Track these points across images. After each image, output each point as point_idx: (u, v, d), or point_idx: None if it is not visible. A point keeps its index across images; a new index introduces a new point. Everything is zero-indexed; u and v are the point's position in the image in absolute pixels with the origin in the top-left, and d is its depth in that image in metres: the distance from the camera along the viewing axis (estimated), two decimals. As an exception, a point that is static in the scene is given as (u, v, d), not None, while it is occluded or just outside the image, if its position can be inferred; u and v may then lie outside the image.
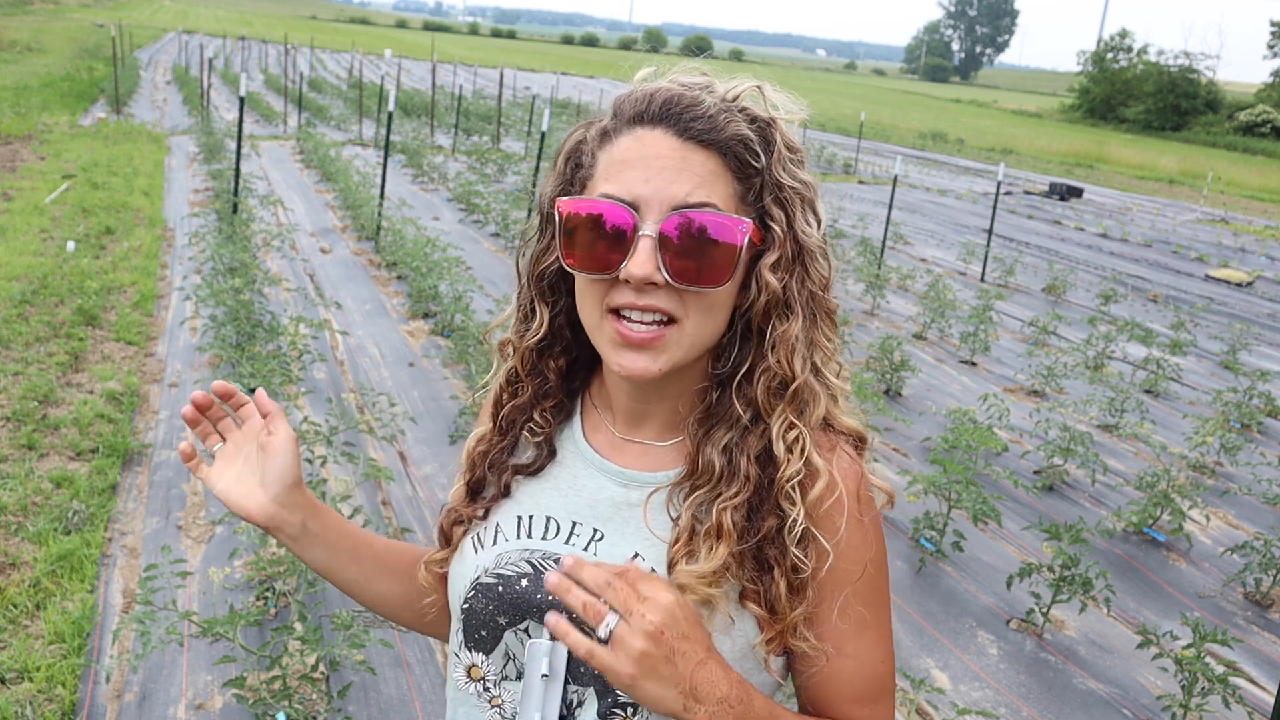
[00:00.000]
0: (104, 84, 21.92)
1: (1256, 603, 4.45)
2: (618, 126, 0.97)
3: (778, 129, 0.97)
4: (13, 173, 11.43)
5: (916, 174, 23.47)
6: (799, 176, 0.97)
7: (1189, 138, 51.96)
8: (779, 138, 0.96)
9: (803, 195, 0.97)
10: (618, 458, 1.04)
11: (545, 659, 0.97)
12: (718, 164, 0.94)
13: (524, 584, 1.00)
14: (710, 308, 0.95)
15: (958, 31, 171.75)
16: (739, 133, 0.94)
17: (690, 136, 0.93)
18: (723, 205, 0.93)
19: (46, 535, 3.90)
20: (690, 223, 0.91)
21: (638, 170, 0.93)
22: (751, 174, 0.95)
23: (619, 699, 0.96)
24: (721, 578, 0.94)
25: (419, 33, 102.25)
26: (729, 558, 0.94)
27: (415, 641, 3.49)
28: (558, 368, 1.07)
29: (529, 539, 1.03)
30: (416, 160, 14.68)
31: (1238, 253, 16.76)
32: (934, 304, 8.47)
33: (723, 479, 0.97)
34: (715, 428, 0.98)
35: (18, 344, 5.85)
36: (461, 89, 23.81)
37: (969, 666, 3.71)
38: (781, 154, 0.96)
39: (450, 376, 6.14)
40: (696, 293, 0.93)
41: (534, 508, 1.05)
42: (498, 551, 1.03)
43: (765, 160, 0.95)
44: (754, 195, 0.96)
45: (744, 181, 0.95)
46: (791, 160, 0.97)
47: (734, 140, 0.94)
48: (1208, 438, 5.73)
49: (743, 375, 0.98)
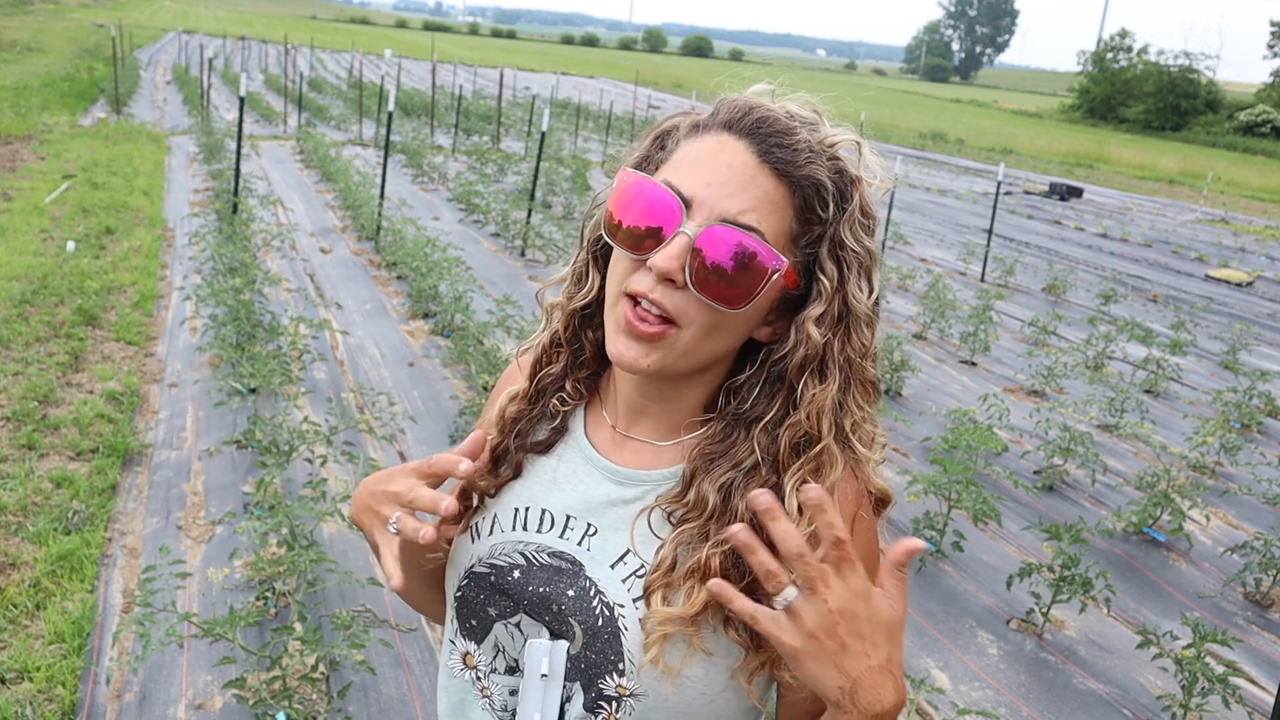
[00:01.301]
0: (104, 84, 21.92)
1: (1256, 603, 4.45)
2: (709, 125, 0.97)
3: (859, 189, 0.96)
4: (13, 173, 11.43)
5: (916, 174, 23.47)
6: (863, 242, 0.96)
7: (1189, 138, 51.97)
8: (857, 198, 0.95)
9: (862, 260, 0.96)
10: (615, 455, 1.04)
11: (545, 658, 0.97)
12: (784, 196, 0.93)
13: (515, 575, 1.01)
14: (715, 328, 0.94)
15: (958, 31, 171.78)
16: (816, 176, 0.93)
17: (768, 160, 0.92)
18: (771, 237, 0.92)
19: (46, 535, 3.90)
20: (729, 238, 0.90)
21: (706, 171, 0.93)
22: (814, 221, 0.94)
23: (603, 692, 0.96)
24: (699, 619, 0.92)
25: (419, 33, 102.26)
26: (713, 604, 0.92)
27: (415, 641, 3.49)
28: (595, 339, 1.06)
29: (524, 531, 1.03)
30: (416, 160, 14.68)
31: (1238, 253, 16.76)
32: (934, 304, 8.47)
33: (714, 518, 0.94)
34: (718, 463, 0.97)
35: (18, 344, 5.85)
36: (461, 89, 23.82)
37: (969, 666, 3.71)
38: (854, 215, 0.95)
39: (450, 376, 6.14)
40: (708, 307, 0.92)
41: (531, 500, 1.05)
42: (493, 542, 1.04)
43: (835, 214, 0.94)
44: (810, 242, 0.95)
45: (804, 225, 0.94)
46: (862, 224, 0.96)
47: (808, 181, 0.93)
48: (1208, 438, 5.73)
49: (766, 422, 0.96)
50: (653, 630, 0.92)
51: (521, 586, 1.00)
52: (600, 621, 0.96)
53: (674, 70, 64.61)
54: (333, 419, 4.41)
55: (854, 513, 0.97)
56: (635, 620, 0.95)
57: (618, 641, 0.95)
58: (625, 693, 0.94)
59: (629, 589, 0.97)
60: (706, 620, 0.93)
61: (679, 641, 0.93)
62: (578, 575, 0.99)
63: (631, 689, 0.94)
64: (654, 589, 0.93)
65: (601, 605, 0.96)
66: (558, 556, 1.00)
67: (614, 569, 0.98)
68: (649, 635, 0.93)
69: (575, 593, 0.98)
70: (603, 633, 0.96)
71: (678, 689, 0.93)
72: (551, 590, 0.99)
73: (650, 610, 0.93)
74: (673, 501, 0.98)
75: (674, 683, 0.93)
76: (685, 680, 0.93)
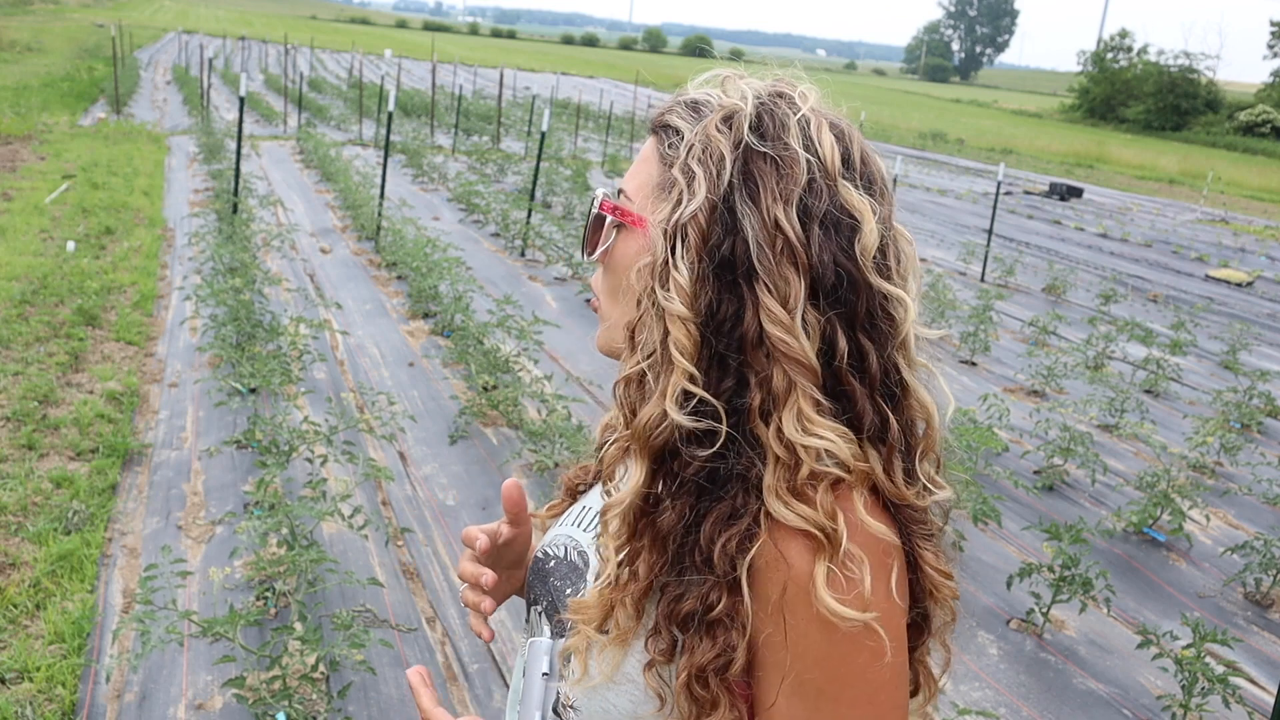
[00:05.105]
0: (104, 84, 21.92)
1: (1256, 603, 4.45)
2: None
3: (711, 118, 0.86)
4: (13, 173, 11.43)
5: (916, 174, 23.47)
6: (688, 165, 0.86)
7: (1189, 138, 51.96)
8: (703, 127, 0.86)
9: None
10: None
11: (546, 657, 0.97)
12: (651, 150, 0.93)
13: (551, 565, 1.01)
14: (613, 291, 0.95)
15: (958, 31, 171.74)
16: (665, 119, 0.91)
17: (650, 129, 0.94)
18: (636, 190, 0.92)
19: (46, 535, 3.90)
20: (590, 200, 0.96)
21: None
22: (670, 161, 0.88)
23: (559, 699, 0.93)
24: (609, 626, 0.85)
25: (419, 33, 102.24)
26: (620, 608, 0.84)
27: (415, 641, 3.49)
28: None
29: (576, 527, 1.04)
30: (416, 160, 14.68)
31: (1238, 253, 16.76)
32: (934, 304, 8.47)
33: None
34: None
35: (18, 344, 5.85)
36: (461, 89, 23.81)
37: (969, 666, 3.71)
38: (691, 143, 0.86)
39: (450, 376, 6.14)
40: (601, 270, 0.97)
41: (596, 501, 1.05)
42: (557, 531, 1.05)
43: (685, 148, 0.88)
44: (665, 184, 0.88)
45: (664, 169, 0.89)
46: (703, 147, 0.85)
47: (659, 126, 0.92)
48: (1208, 438, 5.73)
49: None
50: (572, 623, 0.88)
51: (549, 577, 1.01)
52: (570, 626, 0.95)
53: (674, 70, 64.54)
54: (333, 419, 4.41)
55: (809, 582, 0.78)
56: None
57: None
58: (569, 703, 0.92)
59: None
60: (629, 640, 0.85)
61: (611, 651, 0.86)
62: (581, 577, 0.98)
63: (572, 701, 0.91)
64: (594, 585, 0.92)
65: None
66: (582, 555, 1.00)
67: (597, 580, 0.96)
68: (570, 629, 0.89)
69: (572, 593, 0.97)
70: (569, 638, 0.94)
71: (603, 710, 0.88)
72: (562, 586, 0.99)
73: (568, 601, 0.90)
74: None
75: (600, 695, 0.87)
76: (607, 693, 0.87)
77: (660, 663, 0.83)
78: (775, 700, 0.81)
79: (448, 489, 4.67)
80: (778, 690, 0.80)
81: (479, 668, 3.40)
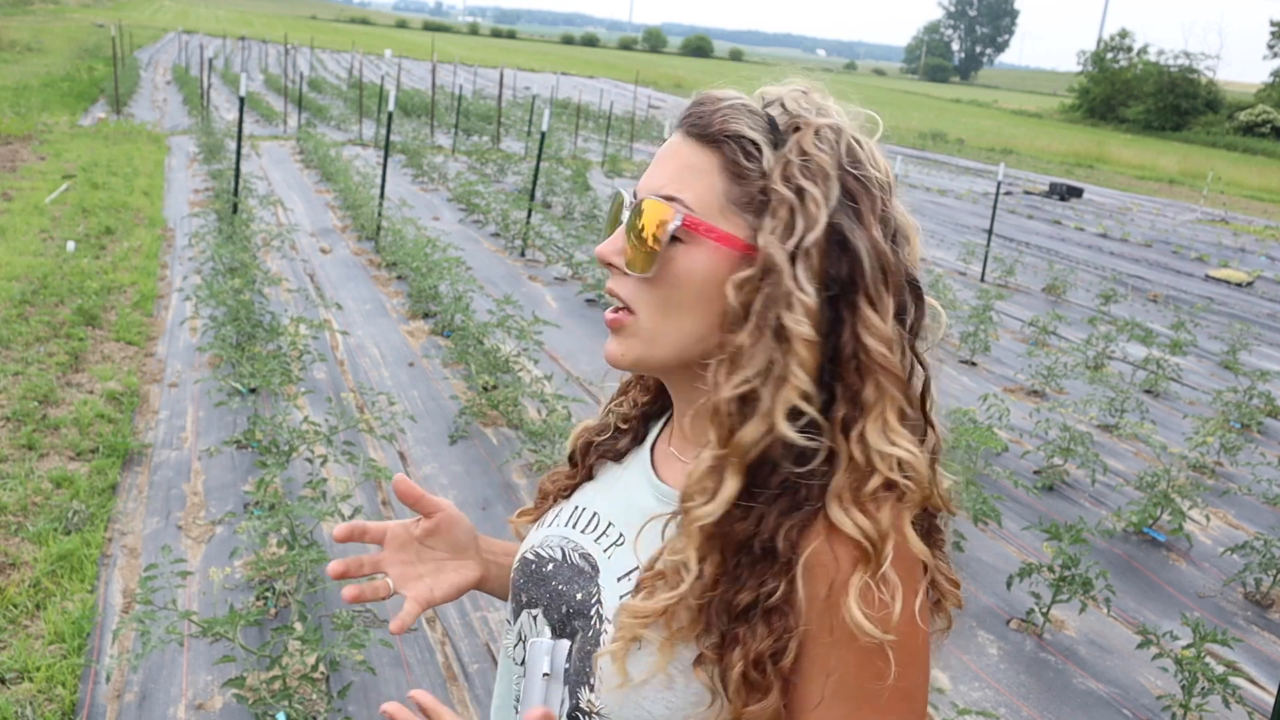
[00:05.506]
0: (104, 84, 21.92)
1: (1256, 603, 4.45)
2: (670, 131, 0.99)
3: (801, 134, 0.88)
4: (13, 173, 11.43)
5: (916, 174, 23.47)
6: (796, 182, 0.87)
7: (1189, 138, 51.97)
8: (794, 141, 0.88)
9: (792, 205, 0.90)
10: (664, 471, 1.02)
11: (546, 658, 0.97)
12: (706, 160, 0.90)
13: (549, 568, 1.01)
14: (664, 304, 0.91)
15: (958, 31, 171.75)
16: (733, 130, 0.89)
17: (690, 133, 0.91)
18: (692, 201, 0.89)
19: (46, 535, 3.90)
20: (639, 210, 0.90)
21: (650, 166, 0.95)
22: (751, 176, 0.88)
23: (579, 704, 0.93)
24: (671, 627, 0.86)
25: (419, 33, 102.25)
26: (679, 609, 0.86)
27: (415, 641, 3.50)
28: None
29: (572, 529, 1.03)
30: (416, 160, 14.68)
31: (1238, 253, 16.77)
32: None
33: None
34: None
35: (18, 344, 5.85)
36: (461, 89, 23.81)
37: (969, 666, 3.71)
38: (787, 158, 0.87)
39: (450, 376, 6.14)
40: (644, 282, 0.91)
41: (589, 501, 1.05)
42: (548, 532, 1.05)
43: (771, 162, 0.87)
44: (751, 200, 0.88)
45: (739, 182, 0.88)
46: (801, 167, 0.87)
47: (725, 136, 0.89)
48: (1208, 438, 5.73)
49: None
50: (622, 627, 0.88)
51: (548, 580, 1.00)
52: (591, 632, 0.94)
53: (674, 70, 64.62)
54: (333, 419, 4.41)
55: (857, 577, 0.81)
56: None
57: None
58: (594, 709, 0.91)
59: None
60: (683, 642, 0.86)
61: (648, 652, 0.87)
62: (591, 580, 0.97)
63: (599, 707, 0.91)
64: (644, 587, 0.90)
65: (597, 616, 0.95)
66: (585, 558, 0.99)
67: (619, 583, 0.96)
68: (618, 632, 0.89)
69: (582, 597, 0.97)
70: (588, 643, 0.94)
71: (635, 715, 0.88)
72: (567, 590, 0.98)
73: (622, 606, 0.90)
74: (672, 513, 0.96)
75: (633, 701, 0.88)
76: (642, 699, 0.88)
77: (710, 658, 0.85)
78: (822, 699, 0.83)
79: (448, 489, 4.67)
80: (823, 689, 0.83)
81: (479, 668, 3.40)
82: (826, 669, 0.82)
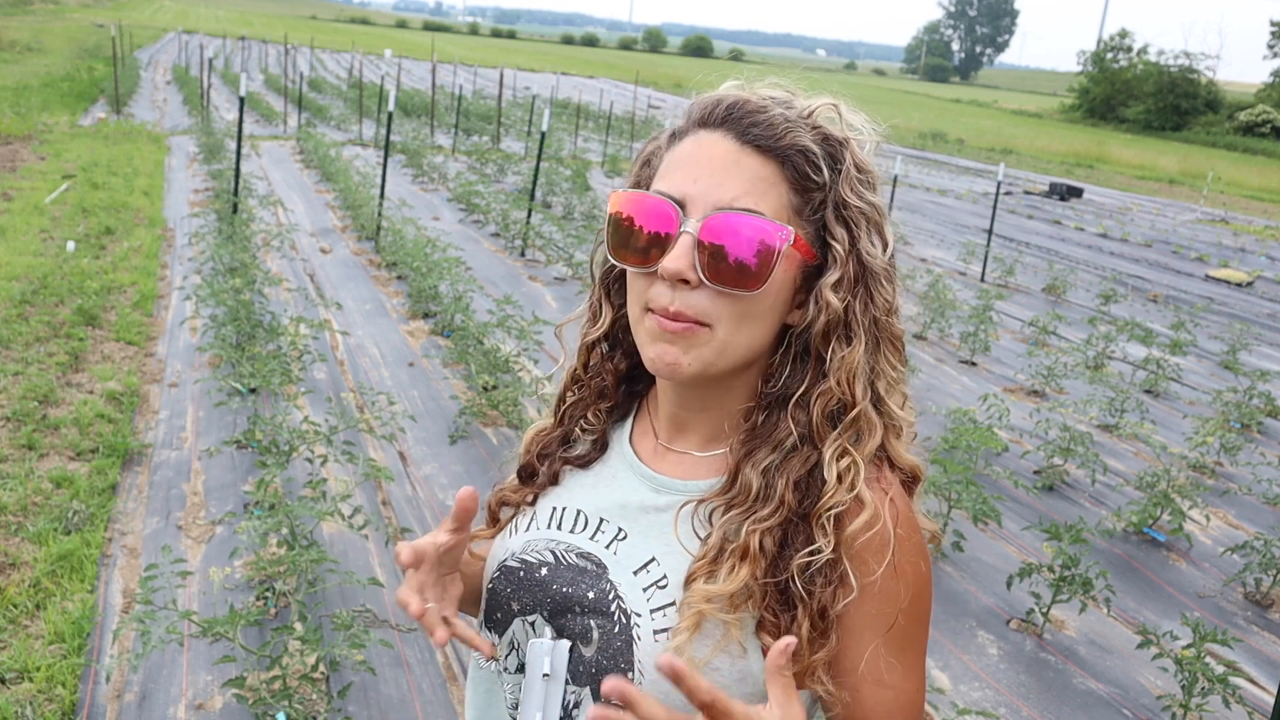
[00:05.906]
0: (104, 84, 21.92)
1: (1256, 603, 4.45)
2: (686, 129, 0.97)
3: (849, 149, 0.95)
4: (13, 173, 11.43)
5: (916, 174, 23.47)
6: (866, 198, 0.95)
7: (1189, 138, 51.97)
8: (849, 157, 0.95)
9: (869, 217, 0.95)
10: (656, 464, 1.04)
11: (546, 659, 0.97)
12: (773, 172, 0.92)
13: (543, 572, 1.01)
14: (744, 316, 0.93)
15: (958, 31, 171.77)
16: (800, 144, 0.92)
17: (748, 141, 0.92)
18: (771, 214, 0.91)
19: (46, 535, 3.90)
20: (731, 224, 0.90)
21: (690, 169, 0.93)
22: (812, 188, 0.94)
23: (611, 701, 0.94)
24: (740, 604, 0.91)
25: (419, 33, 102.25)
26: (752, 584, 0.91)
27: (415, 641, 3.49)
28: (616, 370, 1.09)
29: (558, 530, 1.03)
30: (416, 160, 14.68)
31: (1238, 253, 16.77)
32: (934, 304, 8.47)
33: (758, 500, 0.94)
34: (759, 448, 0.96)
35: (18, 344, 5.85)
36: (461, 89, 23.81)
37: (969, 666, 3.71)
38: (850, 173, 0.94)
39: (450, 376, 6.14)
40: (730, 296, 0.91)
41: (569, 500, 1.06)
42: (528, 538, 1.05)
43: (830, 177, 0.94)
44: (813, 210, 0.94)
45: (802, 194, 0.94)
46: (860, 181, 0.95)
47: (793, 150, 0.92)
48: (1208, 438, 5.73)
49: (798, 397, 0.96)
50: (691, 608, 0.90)
51: (546, 584, 1.00)
52: (616, 628, 0.95)
53: (674, 70, 64.57)
54: (333, 419, 4.41)
55: (900, 532, 0.94)
56: (650, 631, 0.94)
57: (629, 650, 0.94)
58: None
59: (649, 599, 0.95)
60: (746, 612, 0.91)
61: (711, 634, 0.91)
62: (600, 577, 0.98)
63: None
64: (697, 576, 0.92)
65: (619, 611, 0.96)
66: (585, 557, 1.00)
67: (636, 576, 0.97)
68: (683, 616, 0.91)
69: (595, 595, 0.97)
70: (616, 639, 0.95)
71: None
72: (574, 590, 0.98)
73: (689, 590, 0.92)
74: (716, 498, 0.97)
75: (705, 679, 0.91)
76: (715, 675, 0.91)
77: (771, 621, 0.92)
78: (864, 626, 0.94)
79: (448, 489, 4.67)
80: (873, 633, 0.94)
81: (479, 668, 3.40)
82: (871, 595, 0.93)
